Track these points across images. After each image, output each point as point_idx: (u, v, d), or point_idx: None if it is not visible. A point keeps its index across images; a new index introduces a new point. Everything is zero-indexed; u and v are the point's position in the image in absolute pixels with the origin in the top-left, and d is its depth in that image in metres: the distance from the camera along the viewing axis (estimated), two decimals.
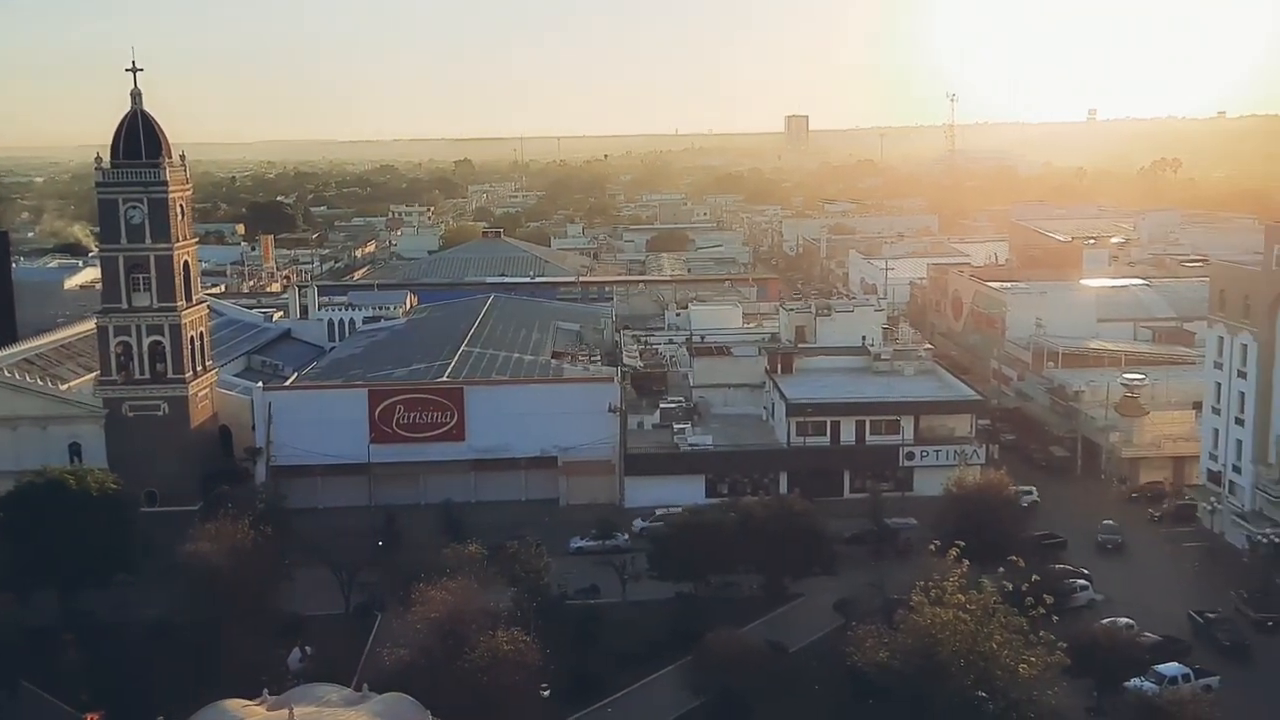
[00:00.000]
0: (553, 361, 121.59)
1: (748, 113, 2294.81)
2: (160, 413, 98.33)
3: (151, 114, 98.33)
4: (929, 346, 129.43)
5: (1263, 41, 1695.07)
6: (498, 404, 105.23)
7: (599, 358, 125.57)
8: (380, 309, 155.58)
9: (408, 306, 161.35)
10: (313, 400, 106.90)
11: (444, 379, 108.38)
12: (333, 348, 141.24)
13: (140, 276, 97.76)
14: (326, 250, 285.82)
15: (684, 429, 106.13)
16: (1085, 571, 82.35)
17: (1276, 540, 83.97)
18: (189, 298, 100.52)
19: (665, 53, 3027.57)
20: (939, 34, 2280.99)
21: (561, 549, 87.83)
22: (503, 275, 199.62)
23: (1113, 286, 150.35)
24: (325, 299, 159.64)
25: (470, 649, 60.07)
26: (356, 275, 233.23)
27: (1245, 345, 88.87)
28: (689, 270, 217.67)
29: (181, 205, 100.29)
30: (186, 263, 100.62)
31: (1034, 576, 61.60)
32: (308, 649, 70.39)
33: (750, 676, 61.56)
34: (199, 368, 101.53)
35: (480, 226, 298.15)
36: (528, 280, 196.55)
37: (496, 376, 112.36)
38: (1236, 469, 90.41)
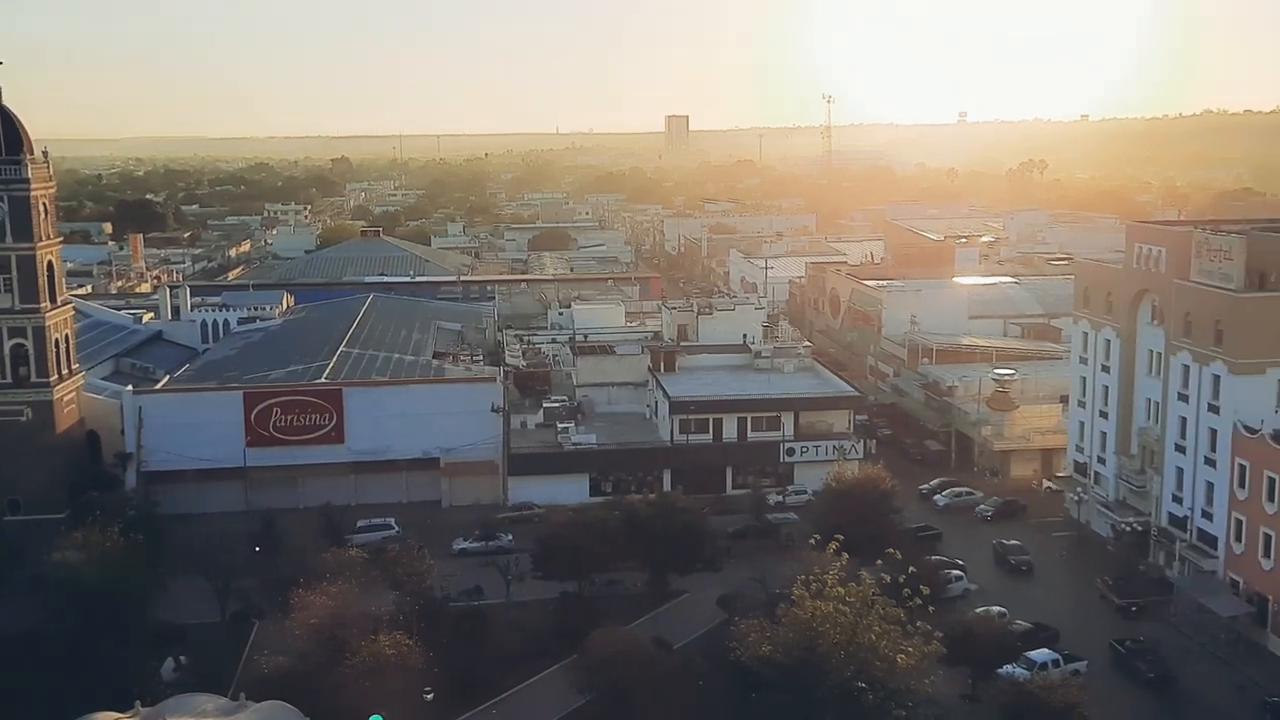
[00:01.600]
0: (434, 362, 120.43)
1: (628, 112, 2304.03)
2: (23, 418, 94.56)
3: (11, 109, 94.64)
4: (808, 344, 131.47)
5: (1123, 48, 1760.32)
6: (378, 405, 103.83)
7: (481, 358, 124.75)
8: (256, 310, 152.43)
9: (284, 307, 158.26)
10: (185, 403, 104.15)
11: (322, 380, 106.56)
12: (206, 350, 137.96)
13: (1, 277, 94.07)
14: (199, 250, 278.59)
15: (567, 428, 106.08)
16: (960, 563, 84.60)
17: (1139, 528, 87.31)
18: (53, 299, 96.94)
19: (546, 51, 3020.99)
20: (816, 36, 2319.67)
21: (444, 551, 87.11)
22: (382, 275, 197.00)
23: (983, 284, 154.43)
24: (198, 300, 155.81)
25: (351, 654, 59.28)
26: (231, 275, 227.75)
27: (1108, 341, 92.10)
28: (571, 269, 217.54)
29: (44, 203, 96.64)
30: (50, 263, 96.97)
31: (911, 568, 63.03)
32: (182, 659, 68.57)
33: (635, 673, 61.69)
34: (64, 371, 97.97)
35: (359, 225, 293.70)
36: (408, 280, 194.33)
37: (376, 377, 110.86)
38: (1101, 460, 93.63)
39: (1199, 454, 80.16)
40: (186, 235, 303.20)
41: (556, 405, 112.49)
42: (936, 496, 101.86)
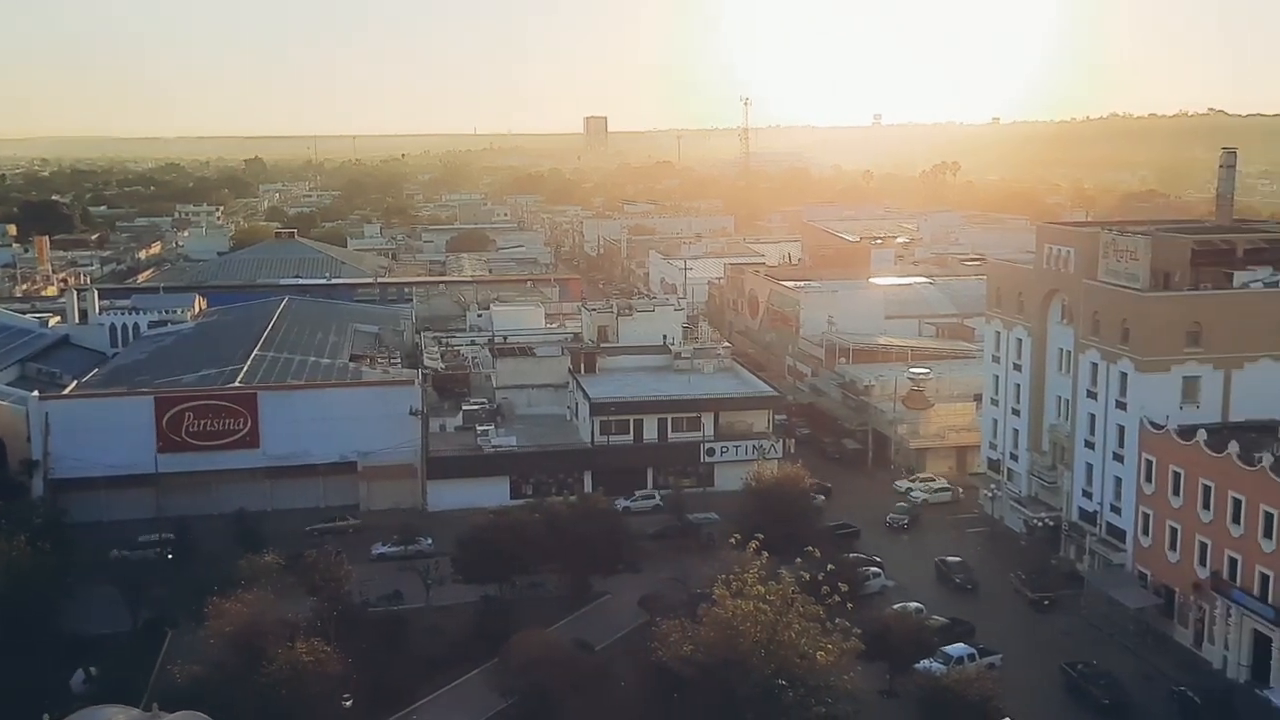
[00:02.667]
0: (351, 365, 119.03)
1: (547, 113, 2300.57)
2: None
3: None
4: (727, 345, 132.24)
5: (1033, 53, 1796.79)
6: (294, 409, 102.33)
7: (399, 360, 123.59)
8: (167, 313, 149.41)
9: (196, 310, 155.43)
10: (94, 409, 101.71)
11: (236, 385, 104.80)
12: (116, 354, 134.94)
13: None
14: (107, 252, 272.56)
15: (487, 430, 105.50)
16: (878, 559, 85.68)
17: (1050, 523, 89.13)
18: None
19: (463, 52, 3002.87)
20: (733, 39, 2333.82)
21: (363, 555, 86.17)
22: (297, 277, 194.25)
23: (899, 285, 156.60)
24: (106, 303, 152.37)
25: (268, 661, 58.41)
26: (141, 278, 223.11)
27: (1020, 340, 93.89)
28: (490, 271, 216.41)
29: None
30: None
31: (830, 566, 63.76)
32: (92, 670, 66.99)
33: (557, 676, 61.62)
34: None
35: (273, 227, 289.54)
36: (324, 282, 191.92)
37: (292, 381, 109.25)
38: (1014, 457, 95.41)
39: (1107, 450, 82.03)
40: (94, 237, 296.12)
41: (476, 408, 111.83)
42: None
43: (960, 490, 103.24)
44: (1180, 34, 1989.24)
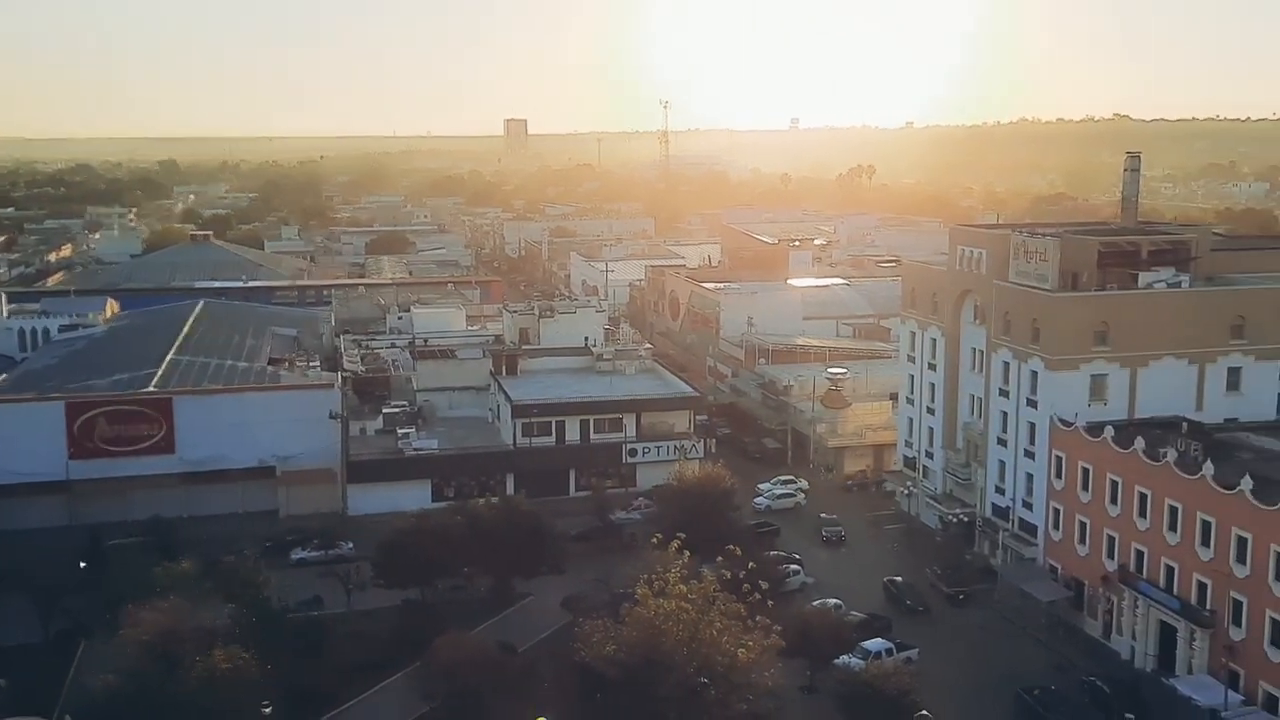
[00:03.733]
0: (269, 368, 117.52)
1: (467, 115, 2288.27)
2: None
3: None
4: (649, 346, 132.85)
5: (946, 59, 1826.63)
6: (210, 414, 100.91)
7: (318, 363, 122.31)
8: (78, 316, 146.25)
9: (108, 314, 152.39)
10: (2, 415, 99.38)
11: (150, 389, 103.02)
12: (25, 359, 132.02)
13: None
14: (15, 254, 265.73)
15: (408, 433, 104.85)
16: (797, 557, 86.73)
17: (964, 519, 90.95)
18: None
19: (382, 53, 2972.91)
20: (653, 42, 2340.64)
21: (282, 561, 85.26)
22: (213, 280, 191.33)
23: (816, 286, 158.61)
24: (15, 306, 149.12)
25: (185, 670, 57.67)
26: (51, 281, 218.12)
27: (934, 340, 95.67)
28: (410, 273, 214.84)
29: None
30: None
31: (750, 564, 64.52)
32: (2, 682, 65.53)
33: (480, 678, 61.64)
34: None
35: (188, 229, 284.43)
36: (241, 284, 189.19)
37: (208, 385, 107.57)
38: (929, 455, 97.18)
39: (1019, 447, 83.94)
40: (1, 239, 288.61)
41: (396, 411, 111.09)
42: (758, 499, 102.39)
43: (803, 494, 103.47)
44: (1087, 41, 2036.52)
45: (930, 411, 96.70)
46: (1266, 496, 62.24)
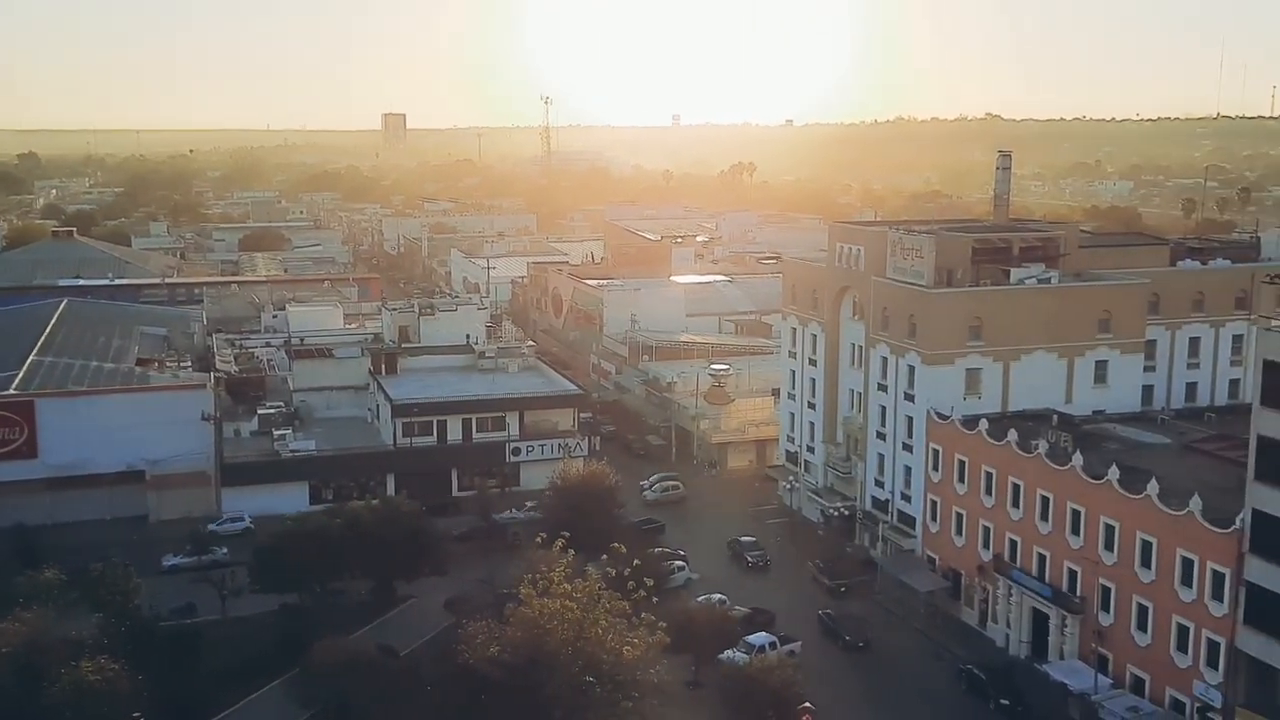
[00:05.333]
0: (137, 369, 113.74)
1: (343, 109, 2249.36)
2: None
3: None
4: (532, 343, 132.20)
5: (824, 58, 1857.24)
6: (75, 417, 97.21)
7: (189, 363, 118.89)
8: None
9: None
10: None
11: (10, 392, 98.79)
12: None
13: None
14: None
15: (284, 435, 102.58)
16: (682, 553, 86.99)
17: (845, 513, 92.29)
18: None
19: (255, 44, 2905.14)
20: (534, 37, 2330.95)
21: (153, 568, 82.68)
22: (78, 278, 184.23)
23: (699, 283, 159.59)
24: None
25: (50, 683, 55.49)
26: None
27: (815, 336, 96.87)
28: (286, 270, 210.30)
29: None
30: None
31: (635, 561, 64.51)
32: None
33: (361, 683, 60.50)
34: None
35: (50, 225, 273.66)
36: (107, 283, 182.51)
37: (73, 387, 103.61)
38: (810, 449, 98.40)
39: (897, 440, 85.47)
40: None
41: (272, 411, 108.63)
42: (646, 492, 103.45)
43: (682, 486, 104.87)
44: (960, 43, 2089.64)
45: (811, 406, 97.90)
46: (1132, 486, 64.33)
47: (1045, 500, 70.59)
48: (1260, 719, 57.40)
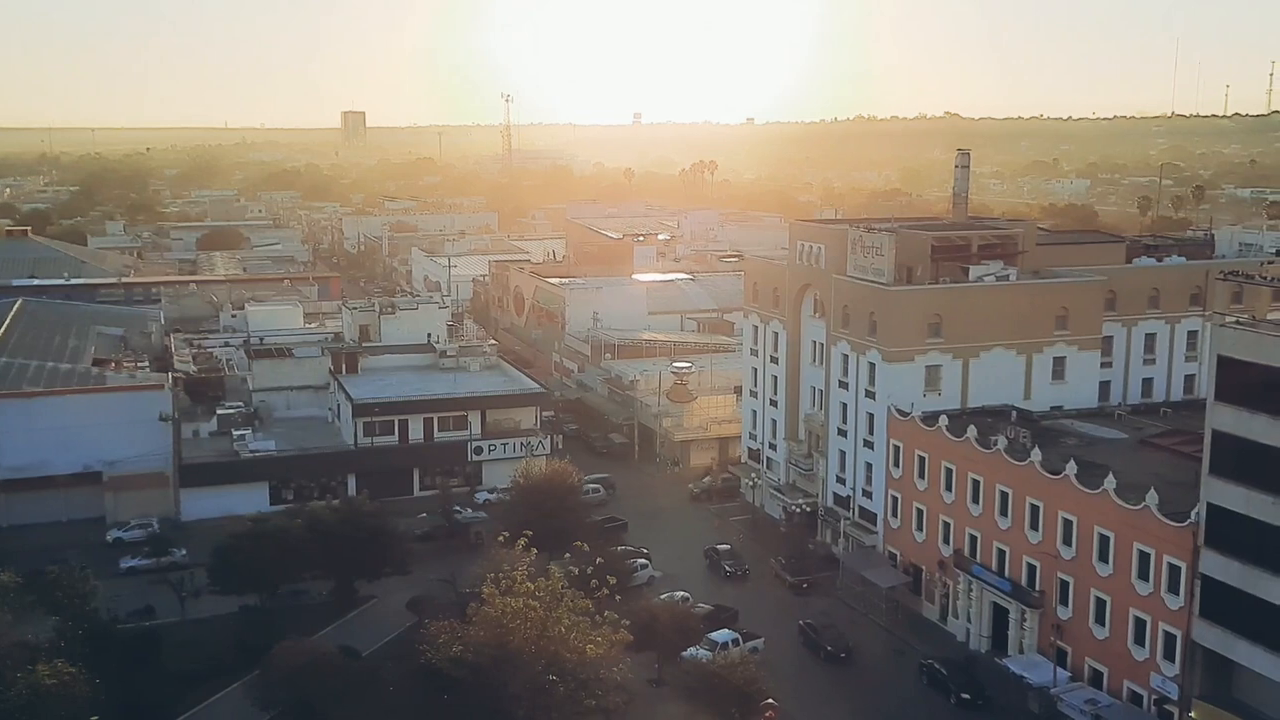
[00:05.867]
0: (94, 369, 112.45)
1: (302, 107, 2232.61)
2: None
3: None
4: (493, 342, 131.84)
5: (784, 56, 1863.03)
6: (30, 418, 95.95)
7: (147, 364, 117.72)
8: None
9: None
10: None
11: None
12: None
13: None
14: None
15: (244, 435, 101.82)
16: (645, 551, 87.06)
17: (807, 509, 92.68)
18: None
19: (211, 41, 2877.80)
20: (494, 35, 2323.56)
21: (111, 570, 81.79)
22: (32, 277, 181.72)
23: (661, 281, 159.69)
24: None
25: (6, 687, 54.76)
26: None
27: (776, 333, 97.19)
28: (245, 270, 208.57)
29: None
30: None
31: (598, 559, 64.50)
32: None
33: (322, 685, 60.11)
34: None
35: (4, 224, 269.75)
36: (62, 282, 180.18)
37: (28, 388, 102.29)
38: (772, 446, 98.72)
39: (858, 437, 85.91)
40: None
41: (231, 412, 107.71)
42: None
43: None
44: (919, 41, 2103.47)
45: (773, 404, 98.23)
46: (1090, 481, 65.00)
47: (1004, 495, 71.19)
48: (1216, 710, 58.18)
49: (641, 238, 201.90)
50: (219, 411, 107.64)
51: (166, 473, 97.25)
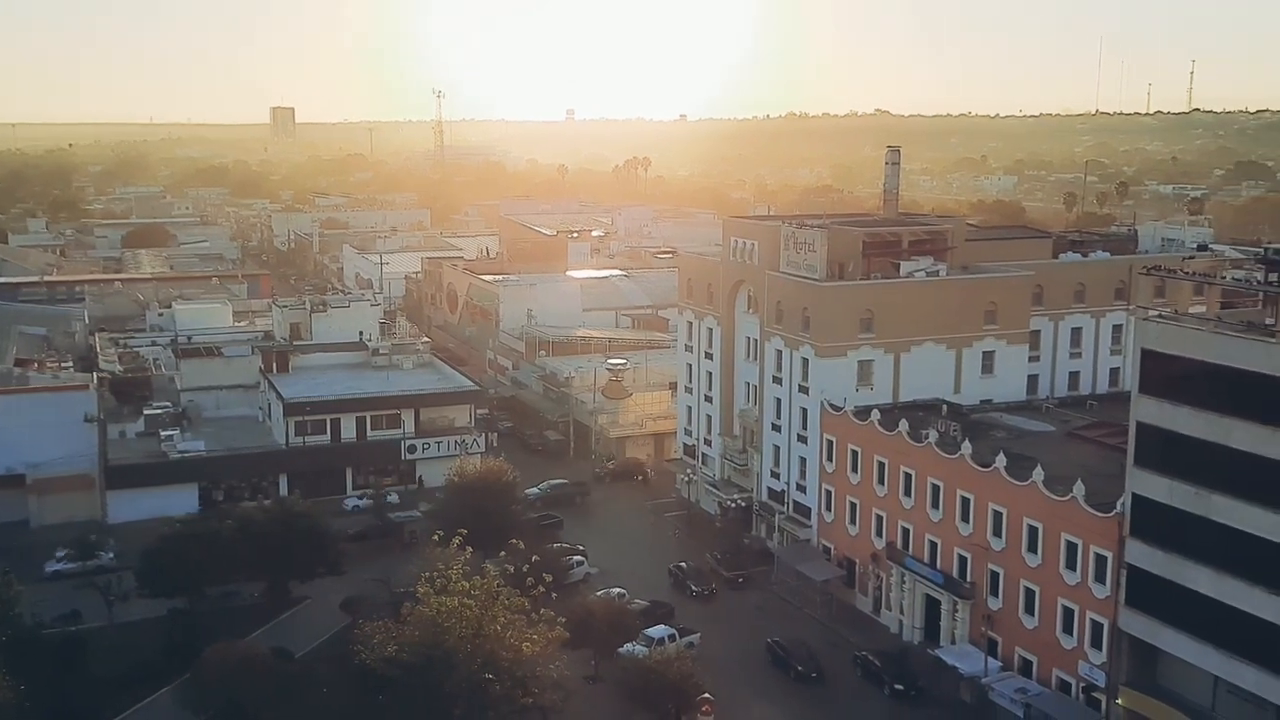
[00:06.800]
0: (16, 370, 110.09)
1: (230, 102, 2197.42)
2: None
3: None
4: (427, 340, 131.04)
5: (717, 53, 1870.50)
6: None
7: (71, 364, 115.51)
8: None
9: None
10: None
11: None
12: None
13: None
14: None
15: (172, 436, 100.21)
16: (581, 548, 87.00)
17: (742, 504, 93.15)
18: None
19: (135, 34, 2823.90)
20: (426, 31, 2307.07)
21: (36, 574, 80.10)
22: None
23: (595, 277, 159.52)
24: None
25: None
26: None
27: (711, 329, 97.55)
28: (172, 268, 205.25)
29: None
30: None
31: (534, 557, 64.34)
32: None
33: (254, 687, 59.35)
34: None
35: None
36: None
37: None
38: (707, 442, 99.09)
39: (792, 432, 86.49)
40: None
41: (159, 412, 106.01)
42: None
43: None
44: (851, 39, 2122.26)
45: (708, 399, 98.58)
46: (1019, 473, 66.01)
47: (936, 488, 72.07)
48: (1142, 697, 59.39)
49: (576, 234, 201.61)
50: (146, 412, 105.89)
51: (92, 475, 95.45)
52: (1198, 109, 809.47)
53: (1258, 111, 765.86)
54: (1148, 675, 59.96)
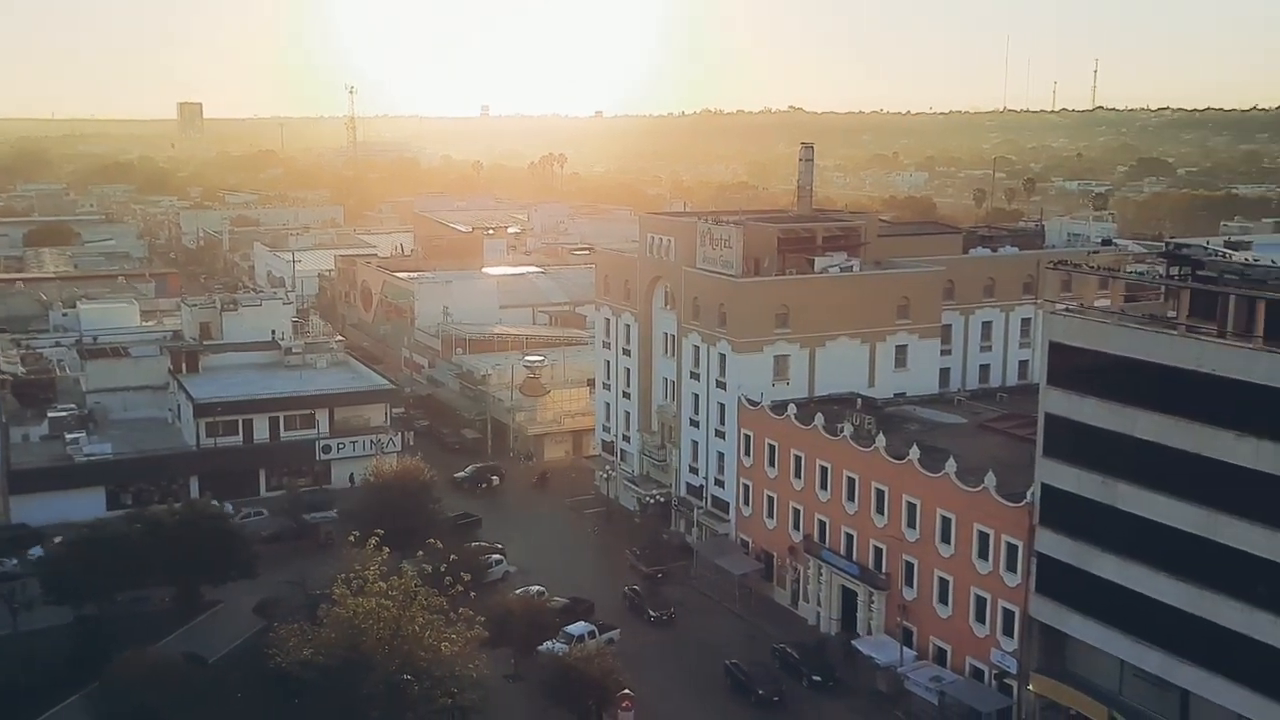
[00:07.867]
0: None
1: (135, 97, 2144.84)
2: None
3: None
4: (340, 338, 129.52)
5: (632, 49, 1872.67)
6: None
7: None
8: None
9: None
10: None
11: None
12: None
13: None
14: None
15: (77, 438, 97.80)
16: (499, 546, 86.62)
17: (661, 499, 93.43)
18: None
19: (36, 26, 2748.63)
20: (337, 25, 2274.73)
21: None
22: None
23: (512, 274, 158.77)
24: None
25: None
26: None
27: (628, 325, 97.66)
28: (76, 266, 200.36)
29: None
30: None
31: (452, 556, 63.90)
32: None
33: (166, 694, 58.17)
34: None
35: None
36: None
37: None
38: (626, 438, 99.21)
39: (710, 427, 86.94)
40: None
41: (64, 414, 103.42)
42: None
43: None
44: (763, 36, 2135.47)
45: (626, 396, 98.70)
46: (932, 465, 67.03)
47: (851, 481, 72.92)
48: (1052, 682, 60.66)
49: (491, 231, 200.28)
50: (50, 414, 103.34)
51: None
52: (1101, 107, 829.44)
53: (1159, 109, 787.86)
54: (1058, 661, 61.25)
